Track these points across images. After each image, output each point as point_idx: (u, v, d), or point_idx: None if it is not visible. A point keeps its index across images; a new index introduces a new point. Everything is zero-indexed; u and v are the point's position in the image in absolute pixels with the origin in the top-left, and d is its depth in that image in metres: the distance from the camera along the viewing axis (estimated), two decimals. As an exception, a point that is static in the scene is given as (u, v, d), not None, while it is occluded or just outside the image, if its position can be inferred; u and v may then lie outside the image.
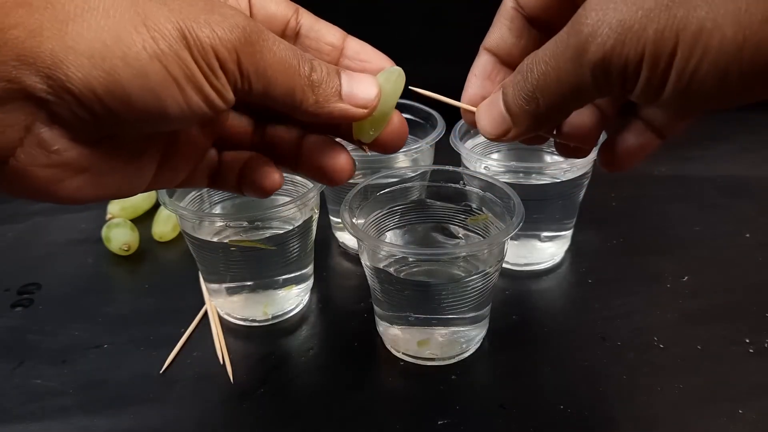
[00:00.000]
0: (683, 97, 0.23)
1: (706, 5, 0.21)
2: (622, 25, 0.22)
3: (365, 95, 0.28)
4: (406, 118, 0.57)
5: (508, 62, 0.32)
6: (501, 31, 0.31)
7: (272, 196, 0.51)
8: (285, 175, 0.51)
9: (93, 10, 0.22)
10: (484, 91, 0.31)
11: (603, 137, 0.35)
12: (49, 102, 0.22)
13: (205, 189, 0.50)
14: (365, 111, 0.28)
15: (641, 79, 0.23)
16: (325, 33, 0.30)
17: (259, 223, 0.46)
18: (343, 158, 0.30)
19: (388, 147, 0.31)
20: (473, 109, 0.31)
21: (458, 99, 0.32)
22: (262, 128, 0.31)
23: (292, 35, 0.30)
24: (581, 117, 0.31)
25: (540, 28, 0.31)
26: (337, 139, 0.31)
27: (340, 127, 0.31)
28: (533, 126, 0.28)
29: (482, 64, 0.32)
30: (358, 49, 0.31)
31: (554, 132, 0.32)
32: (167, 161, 0.28)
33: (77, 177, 0.24)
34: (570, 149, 0.33)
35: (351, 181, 0.54)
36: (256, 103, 0.26)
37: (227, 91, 0.24)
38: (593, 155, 0.50)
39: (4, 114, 0.22)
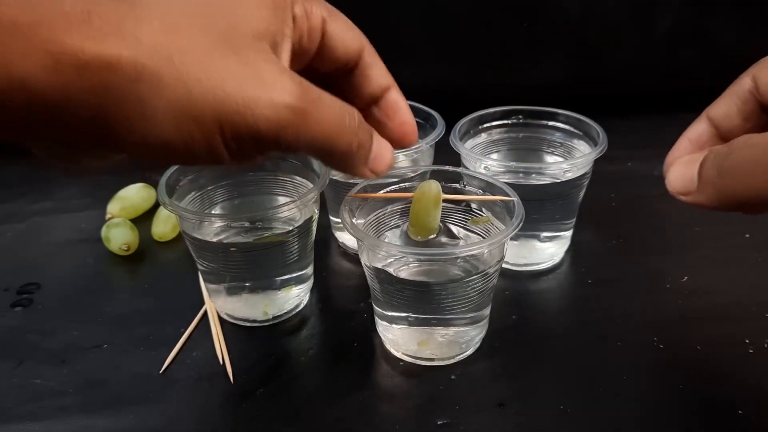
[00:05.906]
0: None
1: None
2: None
3: (383, 167, 0.32)
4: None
5: (727, 138, 0.30)
6: (729, 108, 0.30)
7: (273, 196, 0.52)
8: (285, 176, 0.51)
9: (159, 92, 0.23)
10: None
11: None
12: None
13: (205, 189, 0.50)
14: (377, 177, 0.32)
15: None
16: (374, 78, 0.33)
17: (260, 223, 0.46)
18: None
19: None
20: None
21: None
22: None
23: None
24: None
25: None
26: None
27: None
28: (714, 200, 0.27)
29: (699, 131, 0.31)
30: (392, 104, 0.34)
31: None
32: None
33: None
34: None
35: (351, 181, 0.54)
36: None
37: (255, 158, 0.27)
38: (595, 154, 0.50)
39: None
